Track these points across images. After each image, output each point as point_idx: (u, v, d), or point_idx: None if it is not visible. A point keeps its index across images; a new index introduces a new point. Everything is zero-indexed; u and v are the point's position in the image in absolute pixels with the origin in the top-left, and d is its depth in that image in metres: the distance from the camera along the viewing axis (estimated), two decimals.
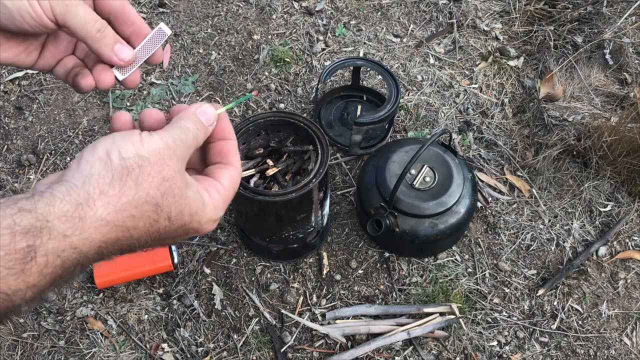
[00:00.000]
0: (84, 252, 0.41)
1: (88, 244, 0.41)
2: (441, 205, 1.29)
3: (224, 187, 0.50)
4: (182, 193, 0.46)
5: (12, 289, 0.38)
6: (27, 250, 0.38)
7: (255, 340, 1.30)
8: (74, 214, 0.40)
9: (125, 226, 0.42)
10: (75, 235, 0.40)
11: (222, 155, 0.52)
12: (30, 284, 0.39)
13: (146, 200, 0.43)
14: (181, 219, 0.46)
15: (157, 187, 0.44)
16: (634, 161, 1.46)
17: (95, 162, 0.42)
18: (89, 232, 0.40)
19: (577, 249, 1.45)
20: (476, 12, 1.85)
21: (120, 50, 0.57)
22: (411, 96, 1.68)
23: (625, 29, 1.77)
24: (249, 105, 1.65)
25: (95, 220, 0.41)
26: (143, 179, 0.43)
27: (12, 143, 1.58)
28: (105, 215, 0.41)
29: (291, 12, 1.84)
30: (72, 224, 0.40)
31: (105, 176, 0.42)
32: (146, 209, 0.43)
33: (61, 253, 0.39)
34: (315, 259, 1.41)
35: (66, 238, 0.39)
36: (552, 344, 1.33)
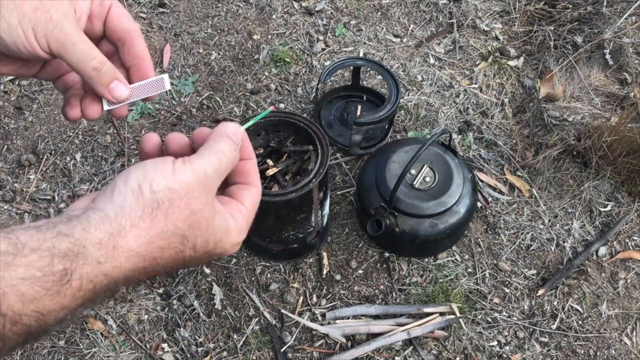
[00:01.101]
0: (114, 278, 0.43)
1: (118, 272, 0.43)
2: (441, 205, 1.29)
3: (247, 209, 0.51)
4: (209, 225, 0.47)
5: (46, 309, 0.40)
6: (63, 273, 0.40)
7: (255, 340, 1.30)
8: (108, 242, 0.42)
9: (153, 256, 0.45)
10: (107, 262, 0.42)
11: (244, 175, 0.53)
12: (64, 305, 0.41)
13: (174, 232, 0.45)
14: (206, 247, 0.48)
15: (185, 219, 0.45)
16: (634, 161, 1.46)
17: (127, 194, 0.44)
18: (120, 261, 0.43)
19: (577, 249, 1.45)
20: (476, 12, 1.85)
21: (116, 88, 0.57)
22: (411, 96, 1.68)
23: (625, 29, 1.77)
24: (249, 105, 1.65)
25: (126, 250, 0.43)
26: (172, 212, 0.45)
27: (12, 143, 1.58)
28: (136, 247, 0.43)
29: (291, 12, 1.85)
30: (106, 252, 0.42)
31: (136, 209, 0.44)
32: (173, 240, 0.45)
33: (94, 278, 0.42)
34: (315, 259, 1.41)
35: (100, 265, 0.42)
36: (552, 344, 1.33)
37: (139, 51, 0.59)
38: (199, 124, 1.61)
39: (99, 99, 0.58)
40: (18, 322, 0.39)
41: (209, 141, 0.49)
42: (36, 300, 0.39)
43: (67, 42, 0.52)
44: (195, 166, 0.46)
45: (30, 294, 0.39)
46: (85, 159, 1.55)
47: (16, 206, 1.48)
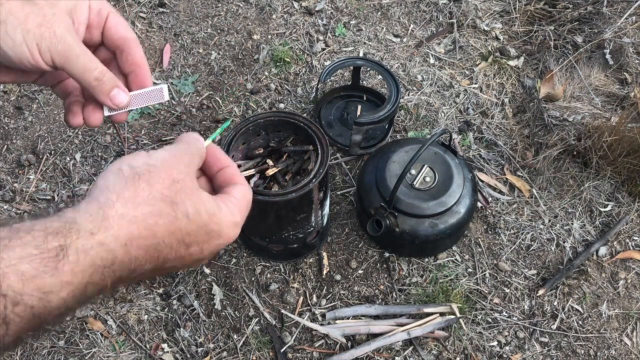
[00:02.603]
0: (112, 249, 0.44)
1: (114, 241, 0.44)
2: (441, 205, 1.29)
3: (237, 198, 0.53)
4: (195, 193, 0.49)
5: (47, 287, 0.41)
6: (59, 249, 0.41)
7: (255, 340, 1.30)
8: (98, 213, 0.44)
9: (146, 223, 0.46)
10: (100, 232, 0.43)
11: (228, 180, 0.55)
12: (64, 281, 0.42)
13: (161, 198, 0.47)
14: (199, 218, 0.49)
15: (169, 187, 0.48)
16: (634, 161, 1.46)
17: (108, 175, 0.47)
18: (113, 229, 0.44)
19: (577, 249, 1.45)
20: (476, 12, 1.85)
21: (117, 95, 0.59)
22: (411, 96, 1.67)
23: (626, 28, 1.77)
24: (249, 105, 1.65)
25: (117, 217, 0.44)
26: (154, 180, 0.47)
27: (12, 143, 1.58)
28: (125, 211, 0.45)
29: (291, 12, 1.84)
30: (97, 223, 0.44)
31: (118, 183, 0.46)
32: (162, 206, 0.47)
33: (90, 250, 0.43)
34: (315, 259, 1.41)
35: (93, 235, 0.43)
36: (552, 344, 1.33)
37: (136, 58, 0.61)
38: (199, 124, 1.61)
39: (99, 106, 0.61)
40: (19, 302, 0.40)
41: (174, 142, 0.54)
42: (36, 278, 0.40)
43: (70, 55, 0.54)
44: (167, 148, 0.51)
45: (29, 272, 0.40)
46: (85, 159, 1.55)
47: (16, 206, 1.47)
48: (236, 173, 0.56)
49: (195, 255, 0.51)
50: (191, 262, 0.53)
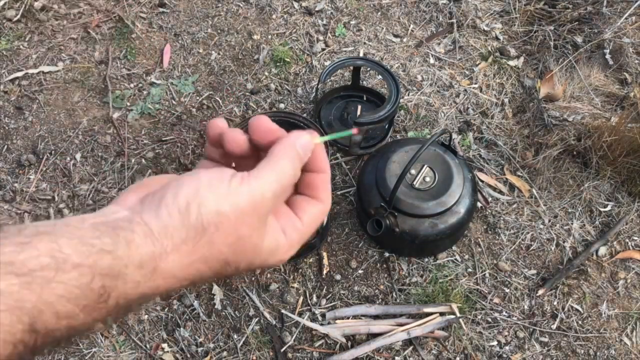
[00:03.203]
0: (147, 297, 0.42)
1: (153, 292, 0.42)
2: (441, 205, 1.29)
3: (303, 224, 0.47)
4: (255, 250, 0.45)
5: (79, 322, 0.39)
6: (101, 291, 0.39)
7: (255, 340, 1.30)
8: (149, 264, 0.41)
9: (190, 279, 0.43)
10: (146, 284, 0.41)
11: (311, 188, 0.48)
12: (96, 319, 0.40)
13: (217, 258, 0.43)
14: (248, 267, 0.45)
15: (230, 245, 0.43)
16: (634, 161, 1.46)
17: (174, 212, 0.41)
18: (158, 283, 0.42)
19: (577, 249, 1.45)
20: (476, 12, 1.85)
21: None
22: (411, 96, 1.68)
23: (625, 29, 1.77)
24: (249, 105, 1.65)
25: (165, 273, 0.42)
26: (217, 238, 0.42)
27: (12, 143, 1.58)
28: (176, 271, 0.42)
29: (291, 12, 1.84)
30: (145, 274, 0.41)
31: (180, 230, 0.41)
32: (214, 265, 0.43)
33: (130, 297, 0.41)
34: (315, 259, 1.41)
35: (138, 286, 0.41)
36: (552, 344, 1.33)
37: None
38: (199, 124, 1.61)
39: None
40: (50, 336, 0.38)
41: (273, 155, 0.45)
42: (71, 318, 0.38)
43: None
44: (252, 186, 0.42)
45: (66, 312, 0.38)
46: (85, 159, 1.55)
47: (16, 206, 1.48)
48: (324, 184, 0.48)
49: (233, 273, 0.47)
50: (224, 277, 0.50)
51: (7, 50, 1.74)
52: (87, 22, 1.81)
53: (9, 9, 1.82)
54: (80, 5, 1.85)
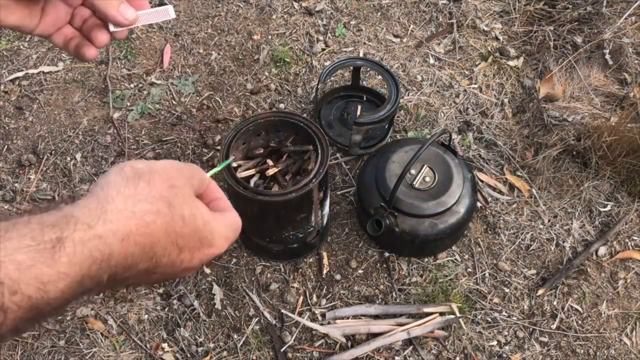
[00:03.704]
0: (109, 243, 0.44)
1: (112, 235, 0.44)
2: (441, 205, 1.29)
3: (229, 218, 0.56)
4: (192, 199, 0.51)
5: (45, 277, 0.41)
6: (55, 240, 0.42)
7: (255, 340, 1.30)
8: (96, 208, 0.45)
9: (144, 220, 0.46)
10: (98, 225, 0.44)
11: (221, 208, 0.58)
12: (62, 272, 0.42)
13: (159, 198, 0.48)
14: (194, 222, 0.50)
15: (168, 189, 0.49)
16: (633, 161, 1.46)
17: (109, 174, 0.48)
18: (112, 223, 0.44)
19: (576, 248, 1.45)
20: (476, 12, 1.85)
21: (125, 10, 0.63)
22: (411, 96, 1.68)
23: (625, 29, 1.77)
24: (249, 105, 1.66)
25: (115, 212, 0.45)
26: (154, 182, 0.48)
27: (13, 143, 1.58)
28: (124, 207, 0.45)
29: (291, 12, 1.85)
30: (95, 216, 0.44)
31: (119, 181, 0.47)
32: (161, 206, 0.47)
33: (87, 242, 0.43)
34: (315, 258, 1.42)
35: (90, 228, 0.43)
36: (551, 344, 1.33)
37: None
38: (199, 124, 1.61)
39: (105, 27, 0.65)
40: (17, 291, 0.40)
41: None
42: (33, 268, 0.41)
43: None
44: (170, 160, 0.52)
45: (25, 261, 0.41)
46: (86, 159, 1.55)
47: (16, 206, 1.48)
48: (228, 204, 0.59)
49: (185, 262, 0.52)
50: (180, 270, 0.54)
51: (8, 50, 1.74)
52: None
53: None
54: None
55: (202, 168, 0.59)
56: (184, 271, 0.56)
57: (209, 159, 1.55)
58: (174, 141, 1.58)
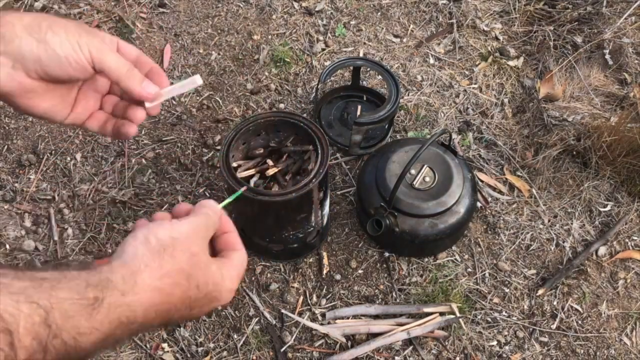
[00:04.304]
0: (135, 311, 0.52)
1: (138, 305, 0.52)
2: (441, 205, 1.29)
3: (236, 265, 0.62)
4: (207, 266, 0.58)
5: (82, 329, 0.49)
6: (94, 299, 0.49)
7: (255, 340, 1.30)
8: (130, 278, 0.52)
9: (165, 291, 0.54)
10: (129, 295, 0.52)
11: (228, 245, 0.64)
12: (95, 327, 0.49)
13: (180, 271, 0.55)
14: (206, 288, 0.58)
15: (188, 260, 0.56)
16: (633, 161, 1.46)
17: (137, 245, 0.55)
18: (139, 294, 0.52)
19: (576, 248, 1.45)
20: (476, 12, 1.85)
21: (147, 85, 0.71)
22: (411, 96, 1.68)
23: (625, 29, 1.77)
24: (249, 105, 1.66)
25: (144, 285, 0.53)
26: (176, 254, 0.55)
27: (13, 143, 1.58)
28: (151, 281, 0.53)
29: (291, 12, 1.85)
30: (129, 286, 0.52)
31: (147, 253, 0.54)
32: (180, 278, 0.55)
33: (118, 307, 0.51)
34: (315, 258, 1.42)
35: (123, 296, 0.51)
36: (551, 344, 1.33)
37: (148, 61, 0.74)
38: (199, 124, 1.61)
39: (140, 105, 0.72)
40: (58, 336, 0.47)
41: (194, 211, 0.62)
42: (74, 318, 0.48)
43: (105, 50, 0.65)
44: (189, 220, 0.59)
45: (70, 311, 0.48)
46: (86, 159, 1.55)
47: (16, 206, 1.48)
48: (237, 240, 0.65)
49: (194, 315, 0.61)
50: (189, 318, 0.65)
51: None
52: (87, 22, 1.81)
53: (9, 9, 1.82)
54: (80, 5, 1.85)
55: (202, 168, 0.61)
56: (192, 318, 0.71)
57: (209, 159, 1.55)
58: (174, 141, 1.59)
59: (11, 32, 0.61)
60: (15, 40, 0.61)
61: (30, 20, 0.62)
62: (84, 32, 0.64)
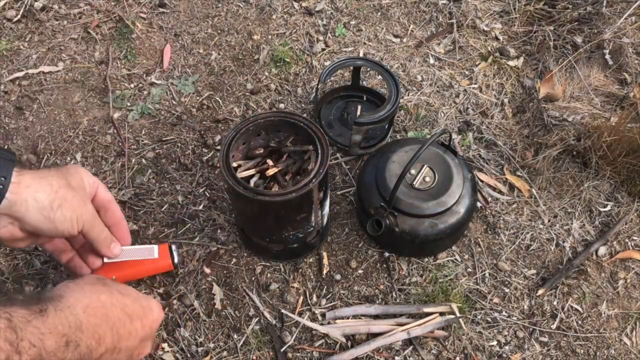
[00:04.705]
0: (76, 313, 0.68)
1: (78, 304, 0.70)
2: (441, 205, 1.29)
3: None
4: (119, 283, 0.84)
5: (42, 330, 0.61)
6: (40, 310, 0.64)
7: (255, 340, 1.30)
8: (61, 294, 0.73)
9: (92, 296, 0.73)
10: (66, 298, 0.71)
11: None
12: (50, 327, 0.63)
13: (96, 282, 0.79)
14: (129, 292, 0.81)
15: (97, 280, 0.79)
16: (633, 161, 1.46)
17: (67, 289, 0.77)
18: (75, 298, 0.72)
19: (576, 248, 1.45)
20: (476, 12, 1.85)
21: (114, 247, 0.91)
22: (411, 96, 1.68)
23: (625, 29, 1.77)
24: (249, 105, 1.66)
25: (74, 295, 0.72)
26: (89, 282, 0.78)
27: (13, 143, 1.58)
28: (79, 294, 0.72)
29: (291, 12, 1.85)
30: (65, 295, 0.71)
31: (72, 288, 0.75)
32: (99, 287, 0.77)
33: (61, 311, 0.66)
34: (315, 258, 1.42)
35: (63, 299, 0.71)
36: (551, 344, 1.33)
37: (116, 213, 0.91)
38: (199, 124, 1.61)
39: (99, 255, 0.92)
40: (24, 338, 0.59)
41: None
42: (31, 323, 0.61)
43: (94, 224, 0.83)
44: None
45: (27, 317, 0.62)
46: (86, 159, 1.55)
47: None
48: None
49: (139, 330, 0.72)
50: (139, 342, 0.74)
51: (8, 51, 1.74)
52: (87, 22, 1.81)
53: (9, 9, 1.82)
54: (80, 5, 1.85)
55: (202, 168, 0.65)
56: (142, 343, 0.76)
57: (209, 159, 1.55)
58: (174, 141, 1.59)
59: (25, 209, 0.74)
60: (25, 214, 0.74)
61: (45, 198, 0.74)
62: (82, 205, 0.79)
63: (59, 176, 0.78)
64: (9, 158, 0.74)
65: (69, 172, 0.81)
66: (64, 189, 0.76)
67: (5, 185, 0.72)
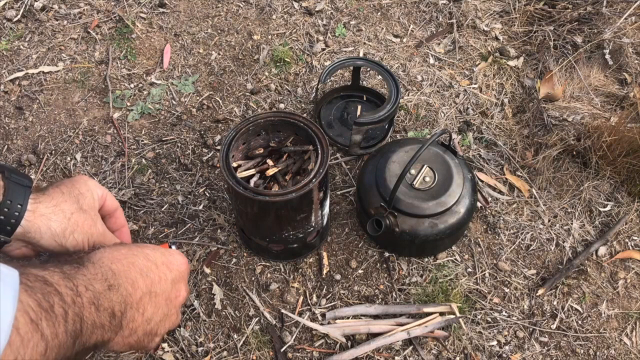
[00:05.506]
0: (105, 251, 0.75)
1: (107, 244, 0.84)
2: (441, 205, 1.29)
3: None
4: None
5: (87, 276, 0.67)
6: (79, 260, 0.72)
7: (255, 340, 1.30)
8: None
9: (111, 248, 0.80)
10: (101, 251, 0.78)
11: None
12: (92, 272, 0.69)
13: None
14: (144, 245, 0.83)
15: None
16: (633, 161, 1.46)
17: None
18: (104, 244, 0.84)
19: (576, 248, 1.45)
20: (476, 12, 1.85)
21: None
22: (411, 96, 1.68)
23: (625, 29, 1.77)
24: (249, 105, 1.66)
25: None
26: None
27: (13, 143, 1.58)
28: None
29: (291, 12, 1.85)
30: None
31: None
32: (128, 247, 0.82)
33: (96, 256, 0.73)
34: (315, 258, 1.42)
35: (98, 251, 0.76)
36: (551, 344, 1.33)
37: (121, 220, 0.95)
38: (199, 124, 1.61)
39: None
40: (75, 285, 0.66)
41: None
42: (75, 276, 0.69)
43: (102, 240, 0.86)
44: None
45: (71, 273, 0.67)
46: (86, 159, 1.55)
47: None
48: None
49: (168, 274, 0.75)
50: (171, 285, 0.78)
51: (8, 51, 1.74)
52: (87, 22, 1.81)
53: (9, 9, 1.82)
54: (80, 5, 1.85)
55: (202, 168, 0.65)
56: (175, 286, 0.79)
57: (209, 159, 1.55)
58: (174, 141, 1.59)
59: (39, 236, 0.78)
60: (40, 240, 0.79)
61: (58, 226, 0.79)
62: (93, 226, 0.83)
63: (71, 201, 0.82)
64: (26, 184, 0.78)
65: (81, 193, 0.84)
66: (77, 214, 0.81)
67: (22, 212, 0.76)
